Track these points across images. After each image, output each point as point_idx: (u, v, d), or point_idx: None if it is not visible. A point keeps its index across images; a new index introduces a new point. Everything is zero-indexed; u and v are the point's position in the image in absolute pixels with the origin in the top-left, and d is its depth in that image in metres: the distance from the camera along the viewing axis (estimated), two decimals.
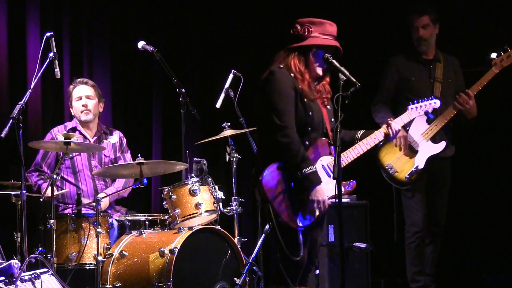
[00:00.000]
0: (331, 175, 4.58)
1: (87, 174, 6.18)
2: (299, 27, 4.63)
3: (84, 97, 6.25)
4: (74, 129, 6.21)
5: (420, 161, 6.07)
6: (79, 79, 6.33)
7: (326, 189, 4.57)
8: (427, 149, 6.08)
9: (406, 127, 5.90)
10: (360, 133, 4.83)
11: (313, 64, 4.63)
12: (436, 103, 5.16)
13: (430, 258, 6.18)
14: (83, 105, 6.23)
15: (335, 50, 4.67)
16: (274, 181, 4.50)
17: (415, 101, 5.10)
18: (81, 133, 6.22)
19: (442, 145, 6.09)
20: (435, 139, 6.08)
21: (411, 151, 6.06)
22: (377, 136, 4.82)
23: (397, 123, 4.89)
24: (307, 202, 4.49)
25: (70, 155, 6.08)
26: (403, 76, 6.29)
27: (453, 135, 6.24)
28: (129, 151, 6.42)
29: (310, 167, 4.46)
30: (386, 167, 6.15)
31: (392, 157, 6.10)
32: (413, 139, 6.05)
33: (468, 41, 7.07)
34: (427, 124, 6.01)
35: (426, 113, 5.18)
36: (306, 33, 4.60)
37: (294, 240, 4.52)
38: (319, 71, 4.65)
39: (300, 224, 4.51)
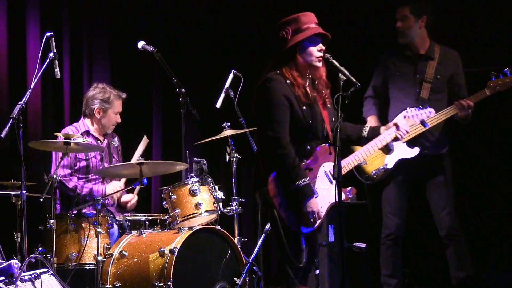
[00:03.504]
0: (333, 181, 4.59)
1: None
2: (279, 31, 4.61)
3: (119, 113, 6.29)
4: (88, 133, 6.22)
5: (390, 161, 5.92)
6: (124, 94, 6.33)
7: (328, 195, 4.58)
8: (401, 151, 5.90)
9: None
10: (366, 130, 4.81)
11: (303, 61, 4.60)
12: (431, 112, 5.12)
13: (452, 261, 6.01)
14: (116, 121, 6.29)
15: (323, 37, 4.62)
16: (279, 187, 4.51)
17: (411, 109, 5.07)
18: (94, 137, 6.24)
19: (415, 151, 5.89)
20: (414, 142, 5.87)
21: (386, 148, 5.82)
22: (386, 137, 4.79)
23: (404, 126, 4.85)
24: (302, 213, 4.50)
25: (86, 156, 6.12)
26: (391, 71, 6.11)
27: (446, 133, 6.05)
28: None
29: (303, 179, 4.47)
30: None
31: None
32: None
33: (472, 39, 7.01)
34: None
35: (422, 122, 5.16)
36: (285, 35, 4.58)
37: (297, 246, 4.55)
38: (316, 62, 4.61)
39: (305, 230, 4.52)
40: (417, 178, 6.07)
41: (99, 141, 6.23)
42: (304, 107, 4.57)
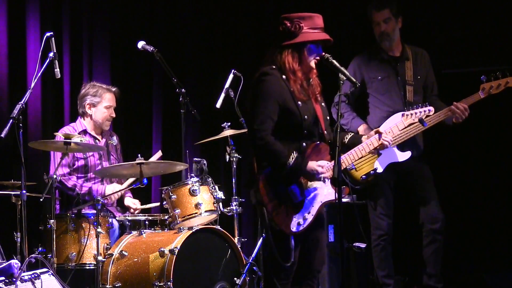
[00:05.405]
0: (326, 180, 4.57)
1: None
2: (288, 23, 4.56)
3: (112, 108, 6.25)
4: (85, 132, 6.21)
5: (380, 165, 5.84)
6: (114, 87, 6.30)
7: (319, 194, 4.56)
8: (391, 155, 5.83)
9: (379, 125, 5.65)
10: (348, 136, 4.76)
11: (307, 59, 4.59)
12: (430, 110, 5.08)
13: (432, 259, 5.96)
14: (111, 116, 6.25)
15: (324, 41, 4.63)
16: (270, 184, 4.50)
17: (410, 108, 5.04)
18: (91, 136, 6.22)
19: (407, 154, 5.84)
20: (403, 146, 5.81)
21: (376, 152, 5.80)
22: (365, 148, 4.72)
23: (388, 135, 4.81)
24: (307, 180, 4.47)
25: (84, 155, 6.10)
26: (368, 75, 6.03)
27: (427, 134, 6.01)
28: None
29: (291, 156, 4.44)
30: None
31: None
32: None
33: (458, 41, 7.02)
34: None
35: (421, 120, 5.12)
36: (297, 29, 4.54)
37: (285, 246, 4.51)
38: (312, 63, 4.60)
39: (294, 230, 4.50)
40: (403, 177, 6.01)
41: (97, 140, 6.22)
42: (300, 103, 4.54)
